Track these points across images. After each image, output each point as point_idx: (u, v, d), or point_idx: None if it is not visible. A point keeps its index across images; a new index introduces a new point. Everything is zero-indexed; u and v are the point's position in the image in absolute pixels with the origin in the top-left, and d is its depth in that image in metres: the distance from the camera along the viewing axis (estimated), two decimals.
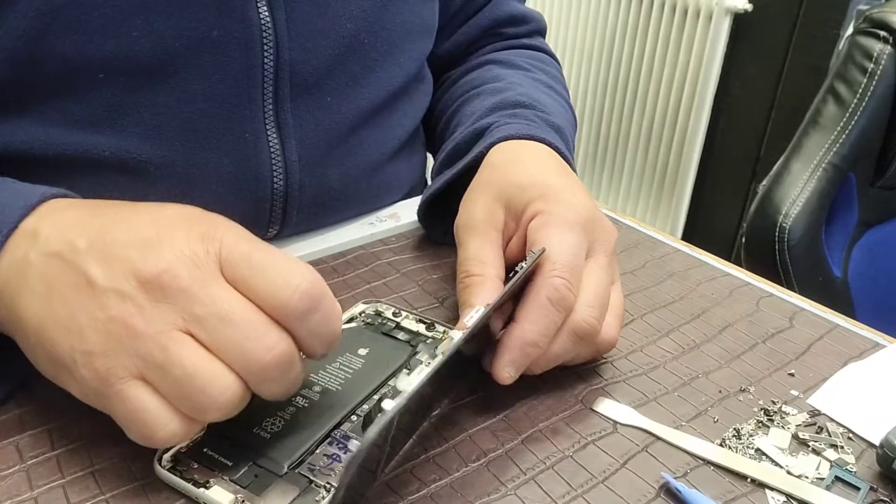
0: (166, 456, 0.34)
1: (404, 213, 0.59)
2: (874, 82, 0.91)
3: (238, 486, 0.33)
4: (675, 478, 0.35)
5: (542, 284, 0.38)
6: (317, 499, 0.32)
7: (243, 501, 0.32)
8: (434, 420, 0.38)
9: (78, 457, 0.35)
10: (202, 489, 0.32)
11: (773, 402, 0.41)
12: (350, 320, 0.44)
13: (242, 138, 0.49)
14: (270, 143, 0.50)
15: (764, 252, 0.92)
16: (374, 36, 0.54)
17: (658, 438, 0.38)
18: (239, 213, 0.51)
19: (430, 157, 0.71)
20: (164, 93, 0.46)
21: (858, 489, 0.36)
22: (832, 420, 0.40)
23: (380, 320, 0.44)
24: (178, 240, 0.32)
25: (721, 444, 0.38)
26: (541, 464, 0.36)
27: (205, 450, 0.34)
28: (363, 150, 0.56)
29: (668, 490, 0.35)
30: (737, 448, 0.38)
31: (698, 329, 0.47)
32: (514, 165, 0.47)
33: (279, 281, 0.31)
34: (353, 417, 0.37)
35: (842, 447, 0.38)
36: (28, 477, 0.34)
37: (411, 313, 0.45)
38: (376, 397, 0.38)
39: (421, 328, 0.43)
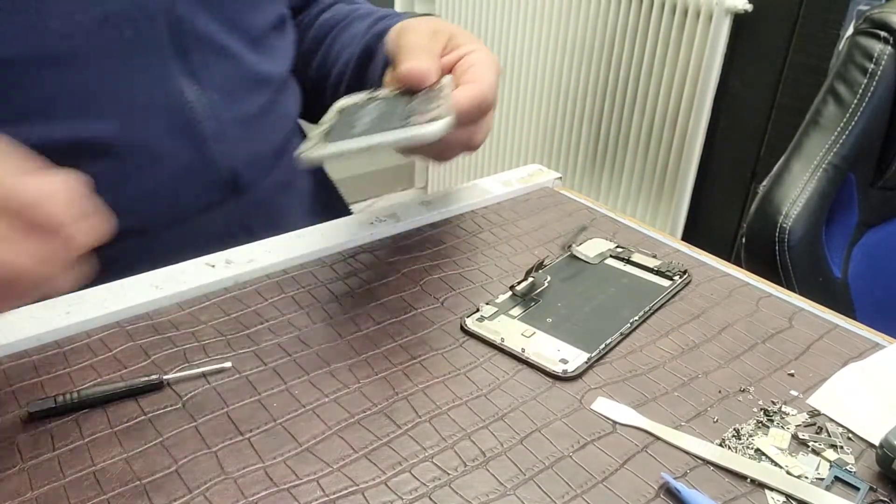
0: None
1: (404, 213, 0.59)
2: (874, 83, 0.91)
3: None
4: (675, 478, 0.35)
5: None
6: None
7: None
8: (433, 420, 0.38)
9: (78, 457, 0.35)
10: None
11: (773, 403, 0.41)
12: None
13: (163, 96, 0.53)
14: (186, 94, 0.54)
15: (764, 252, 0.92)
16: None
17: (657, 438, 0.38)
18: (186, 163, 0.55)
19: None
20: (86, 77, 0.49)
21: (858, 489, 0.36)
22: (832, 420, 0.40)
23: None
24: None
25: (721, 445, 0.38)
26: (540, 464, 0.36)
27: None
28: (255, 87, 0.61)
29: (667, 490, 0.35)
30: (736, 448, 0.38)
31: (698, 329, 0.47)
32: (426, 21, 0.53)
33: None
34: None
35: (841, 447, 0.38)
36: (28, 477, 0.34)
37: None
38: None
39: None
